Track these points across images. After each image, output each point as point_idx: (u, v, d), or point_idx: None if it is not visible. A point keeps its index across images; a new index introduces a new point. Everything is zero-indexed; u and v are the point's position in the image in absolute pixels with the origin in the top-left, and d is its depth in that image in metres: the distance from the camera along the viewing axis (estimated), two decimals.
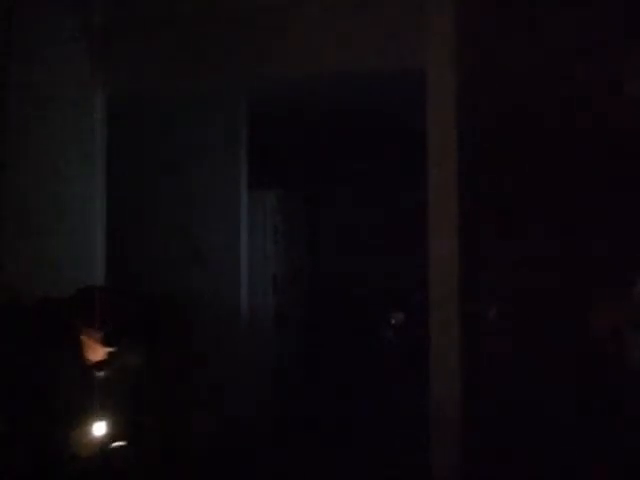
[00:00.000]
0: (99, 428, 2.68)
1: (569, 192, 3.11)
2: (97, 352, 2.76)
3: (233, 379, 4.26)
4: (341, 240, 6.18)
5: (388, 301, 5.66)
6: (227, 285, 4.47)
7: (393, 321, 5.60)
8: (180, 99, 4.35)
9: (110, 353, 2.76)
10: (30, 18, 3.28)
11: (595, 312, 2.97)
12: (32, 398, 2.72)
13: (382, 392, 4.91)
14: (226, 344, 4.26)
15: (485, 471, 3.12)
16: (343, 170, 5.97)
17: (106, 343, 2.72)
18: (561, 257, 3.12)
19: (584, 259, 3.08)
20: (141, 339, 2.88)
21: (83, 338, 2.73)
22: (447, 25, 3.24)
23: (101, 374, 2.72)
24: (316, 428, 4.53)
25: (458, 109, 3.22)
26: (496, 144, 3.22)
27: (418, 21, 3.30)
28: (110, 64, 3.67)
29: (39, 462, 2.65)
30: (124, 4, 3.64)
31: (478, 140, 3.23)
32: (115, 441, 2.69)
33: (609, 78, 3.02)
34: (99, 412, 2.68)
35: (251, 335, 4.60)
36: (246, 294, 4.58)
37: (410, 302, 4.92)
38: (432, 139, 3.27)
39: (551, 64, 3.13)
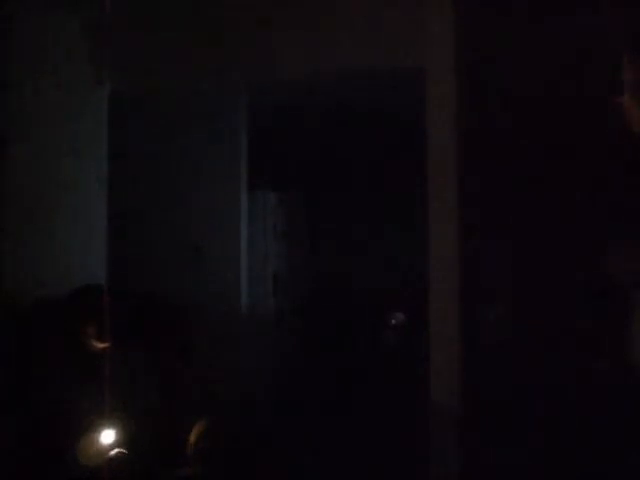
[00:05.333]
0: (107, 436, 2.62)
1: (571, 191, 3.11)
2: (96, 348, 2.76)
3: (233, 379, 4.25)
4: (341, 240, 6.18)
5: (388, 301, 5.66)
6: (227, 285, 4.47)
7: (393, 321, 5.59)
8: (180, 99, 4.35)
9: (109, 349, 2.77)
10: (30, 17, 3.27)
11: None
12: (35, 403, 2.72)
13: (382, 392, 4.91)
14: (226, 344, 4.26)
15: (485, 471, 3.11)
16: (343, 170, 5.96)
17: (100, 338, 2.73)
18: (562, 256, 3.12)
19: (585, 258, 3.08)
20: (139, 337, 2.89)
21: (83, 334, 2.73)
22: (447, 25, 3.24)
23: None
24: (316, 428, 4.52)
25: (458, 109, 3.22)
26: (496, 143, 3.22)
27: (418, 21, 3.30)
28: (110, 64, 3.67)
29: (44, 471, 2.64)
30: (124, 4, 3.64)
31: (478, 139, 3.23)
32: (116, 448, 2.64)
33: (611, 78, 3.02)
34: (107, 418, 2.63)
35: (251, 335, 4.60)
36: (246, 294, 4.58)
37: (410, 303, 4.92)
38: (432, 139, 3.28)
39: (552, 63, 3.13)
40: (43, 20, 3.36)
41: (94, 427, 2.65)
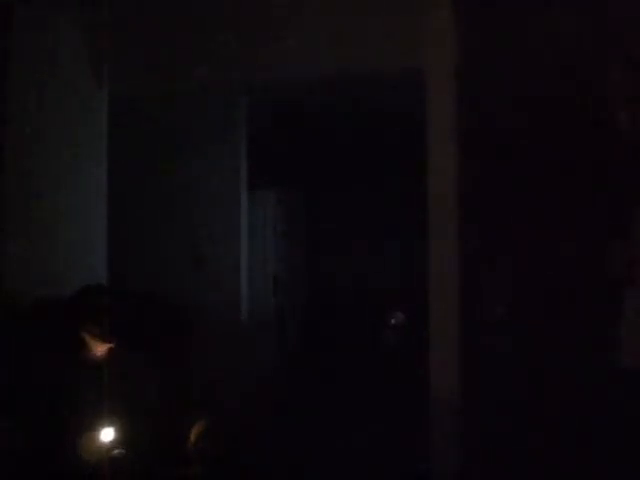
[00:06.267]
0: (107, 434, 2.65)
1: (571, 190, 3.11)
2: (97, 348, 2.76)
3: (233, 380, 4.25)
4: (341, 240, 6.19)
5: (388, 301, 5.66)
6: (227, 285, 4.47)
7: (393, 321, 5.60)
8: (180, 99, 4.36)
9: (109, 349, 2.77)
10: (31, 18, 3.28)
11: None
12: (35, 403, 2.72)
13: (382, 392, 4.91)
14: (226, 344, 4.26)
15: (485, 471, 3.11)
16: (343, 170, 5.97)
17: (104, 338, 2.73)
18: (561, 256, 3.13)
19: (586, 258, 3.08)
20: (139, 337, 2.88)
21: (83, 334, 2.74)
22: (447, 25, 3.25)
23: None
24: (316, 428, 4.53)
25: (458, 109, 3.22)
26: (496, 143, 3.22)
27: (418, 21, 3.30)
28: (110, 64, 3.67)
29: (44, 470, 2.64)
30: (125, 4, 3.64)
31: (478, 139, 3.23)
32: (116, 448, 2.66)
33: (610, 77, 3.02)
34: (107, 417, 2.65)
35: (251, 336, 4.60)
36: (246, 294, 4.58)
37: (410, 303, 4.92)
38: (432, 139, 3.28)
39: (552, 63, 3.13)
40: (43, 20, 3.36)
41: (94, 427, 2.65)
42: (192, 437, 2.90)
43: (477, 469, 3.11)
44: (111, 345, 2.75)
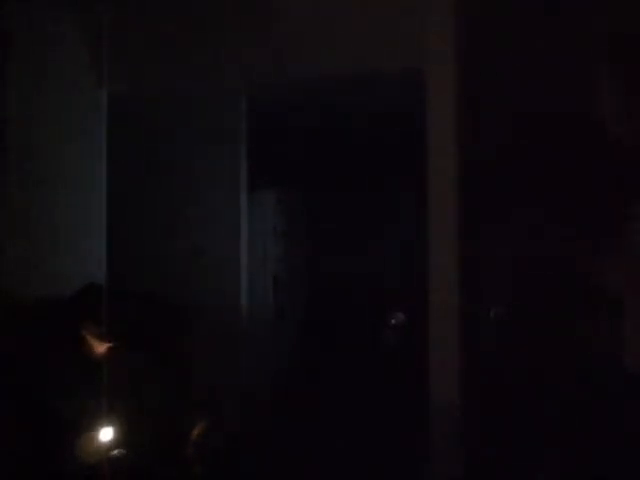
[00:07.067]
0: (107, 434, 2.65)
1: (573, 192, 3.11)
2: (97, 348, 2.77)
3: (233, 379, 4.25)
4: (341, 240, 6.18)
5: (388, 301, 5.65)
6: (227, 285, 4.47)
7: (393, 321, 5.59)
8: (180, 99, 4.35)
9: (109, 349, 2.77)
10: (30, 17, 3.28)
11: None
12: (35, 403, 2.72)
13: (382, 392, 4.91)
14: (226, 344, 4.26)
15: (485, 471, 3.12)
16: (343, 170, 5.96)
17: (104, 338, 2.73)
18: (563, 257, 3.13)
19: (586, 259, 3.08)
20: (139, 337, 2.89)
21: (83, 334, 2.74)
22: (447, 25, 3.25)
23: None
24: (316, 428, 4.52)
25: (458, 109, 3.22)
26: (497, 143, 3.22)
27: (418, 21, 3.30)
28: (110, 64, 3.67)
29: (44, 470, 2.64)
30: (124, 4, 3.64)
31: (478, 140, 3.23)
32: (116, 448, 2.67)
33: (607, 78, 3.02)
34: (107, 417, 2.65)
35: (251, 335, 4.59)
36: (246, 294, 4.58)
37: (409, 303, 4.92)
38: (432, 139, 3.28)
39: (552, 64, 3.13)
40: (43, 21, 3.37)
41: (94, 427, 2.65)
42: (192, 437, 2.90)
43: (477, 469, 3.11)
44: (111, 345, 2.76)
